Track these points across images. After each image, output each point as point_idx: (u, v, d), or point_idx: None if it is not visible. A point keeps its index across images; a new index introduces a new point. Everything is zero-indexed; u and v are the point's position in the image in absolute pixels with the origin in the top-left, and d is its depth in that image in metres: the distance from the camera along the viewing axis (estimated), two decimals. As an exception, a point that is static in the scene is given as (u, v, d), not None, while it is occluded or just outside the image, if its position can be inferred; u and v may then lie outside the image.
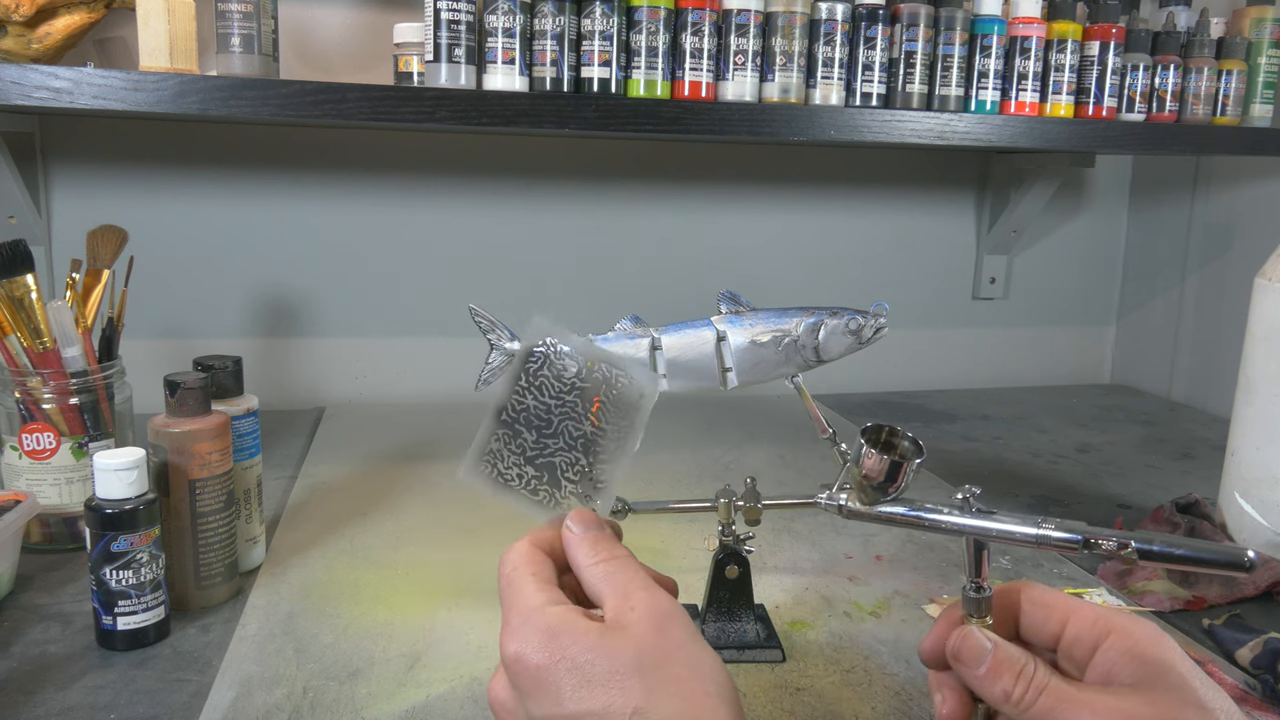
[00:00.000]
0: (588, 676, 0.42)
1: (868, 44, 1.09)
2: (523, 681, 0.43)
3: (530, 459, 0.54)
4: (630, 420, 0.54)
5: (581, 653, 0.42)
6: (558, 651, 0.43)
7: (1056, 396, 1.53)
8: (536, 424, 0.54)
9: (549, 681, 0.42)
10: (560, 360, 0.54)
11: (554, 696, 0.42)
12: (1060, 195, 1.56)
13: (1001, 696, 0.45)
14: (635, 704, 0.41)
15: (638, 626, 0.44)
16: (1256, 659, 0.68)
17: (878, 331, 0.74)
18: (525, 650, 0.43)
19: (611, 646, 0.43)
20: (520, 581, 0.47)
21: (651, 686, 0.42)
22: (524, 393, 0.54)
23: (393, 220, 1.34)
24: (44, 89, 0.88)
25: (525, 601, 0.45)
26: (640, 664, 0.42)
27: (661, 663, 0.42)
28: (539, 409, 0.54)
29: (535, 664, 0.43)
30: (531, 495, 0.54)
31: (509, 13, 0.97)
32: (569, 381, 0.54)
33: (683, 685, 0.42)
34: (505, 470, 0.55)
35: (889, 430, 0.55)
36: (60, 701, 0.61)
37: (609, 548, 0.49)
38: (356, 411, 1.30)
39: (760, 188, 1.46)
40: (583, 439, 0.54)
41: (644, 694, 0.41)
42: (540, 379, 0.54)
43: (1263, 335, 0.88)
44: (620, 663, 0.42)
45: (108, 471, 0.66)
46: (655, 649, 0.43)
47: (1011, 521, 0.50)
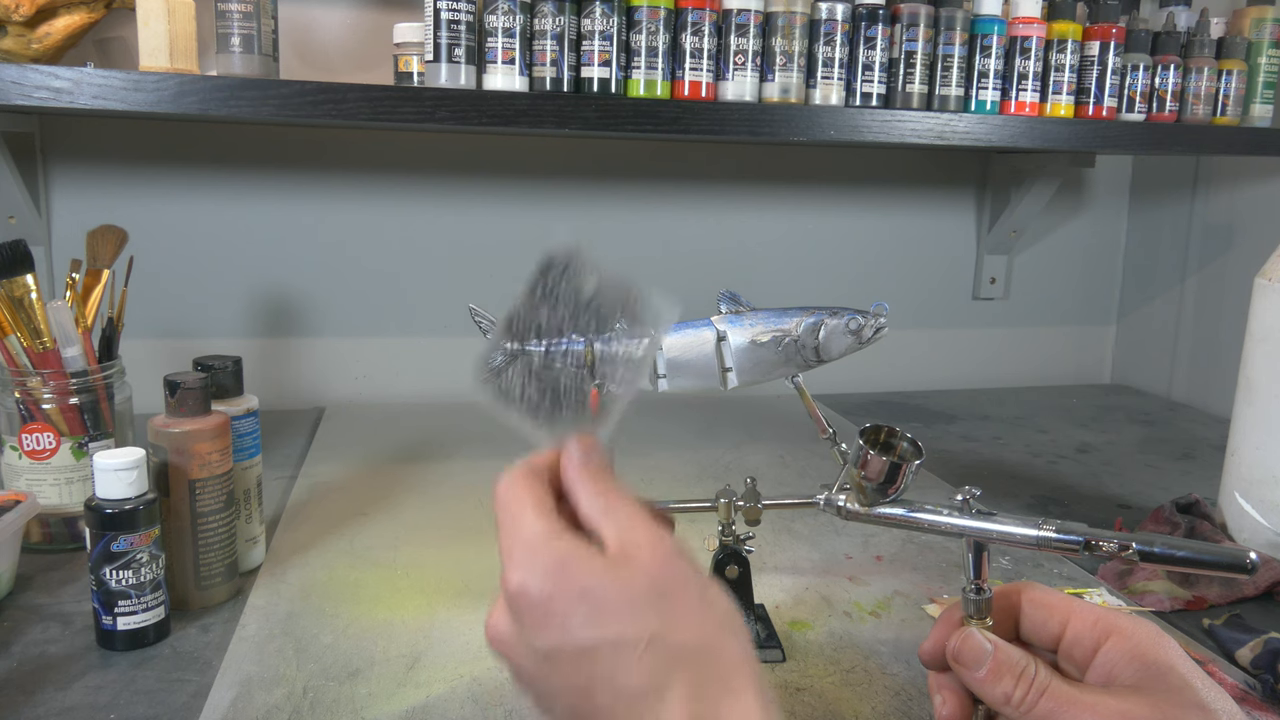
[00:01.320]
0: (598, 606, 0.40)
1: (868, 44, 1.09)
2: (527, 614, 0.42)
3: (535, 376, 0.51)
4: (642, 349, 0.51)
5: (592, 582, 0.41)
6: (565, 581, 0.41)
7: (1056, 396, 1.53)
8: (545, 340, 0.51)
9: (556, 612, 0.41)
10: (579, 275, 0.51)
11: (561, 628, 0.41)
12: (1060, 195, 1.56)
13: (1002, 698, 0.45)
14: (651, 632, 0.40)
15: (645, 557, 0.42)
16: (1256, 659, 0.68)
17: (878, 331, 0.75)
18: (530, 580, 0.41)
19: (622, 576, 0.41)
20: (520, 510, 0.44)
21: (664, 615, 0.41)
22: (538, 305, 0.51)
23: (393, 220, 1.34)
24: (44, 89, 0.88)
25: (528, 531, 0.43)
26: (652, 593, 0.41)
27: (672, 593, 0.41)
28: (552, 323, 0.51)
29: (542, 595, 0.41)
30: (532, 414, 0.51)
31: (509, 13, 0.97)
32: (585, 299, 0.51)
33: (694, 615, 0.41)
34: (508, 386, 0.51)
35: (888, 431, 0.55)
36: (60, 701, 0.61)
37: (609, 480, 0.46)
38: (356, 411, 1.30)
39: (760, 188, 1.46)
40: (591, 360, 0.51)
41: (658, 621, 0.40)
42: (556, 292, 0.51)
43: (1263, 335, 0.88)
44: (632, 592, 0.41)
45: (108, 471, 0.66)
46: (665, 579, 0.42)
47: (1012, 523, 0.50)
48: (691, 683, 0.40)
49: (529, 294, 0.51)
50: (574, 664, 0.41)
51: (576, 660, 0.41)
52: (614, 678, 0.40)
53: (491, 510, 0.46)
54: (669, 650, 0.40)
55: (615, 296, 0.51)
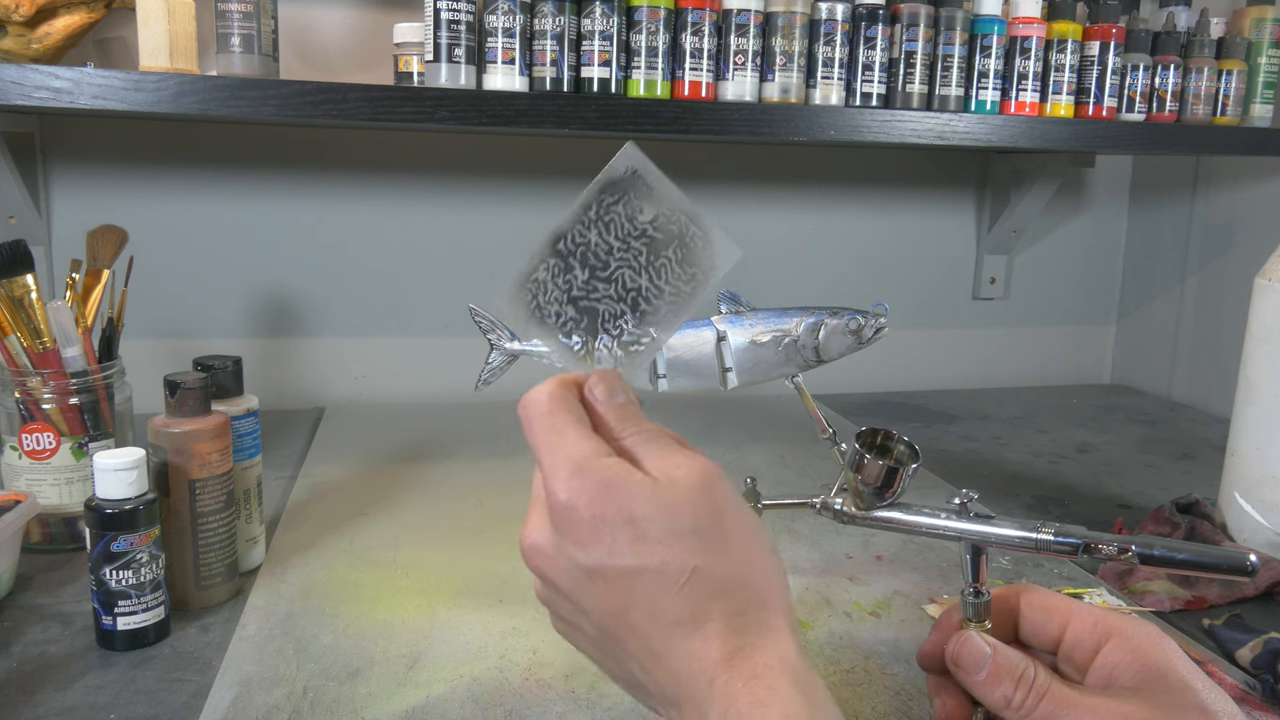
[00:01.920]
0: (644, 532, 0.41)
1: (868, 44, 1.09)
2: (574, 531, 0.42)
3: (574, 299, 0.50)
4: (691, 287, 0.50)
5: (639, 507, 0.41)
6: (613, 504, 0.41)
7: (1056, 396, 1.53)
8: (592, 263, 0.49)
9: (604, 533, 0.41)
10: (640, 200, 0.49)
11: (608, 547, 0.41)
12: (1060, 195, 1.56)
13: (1002, 702, 0.45)
14: (695, 563, 0.41)
15: (687, 485, 0.42)
16: (1256, 659, 0.68)
17: (878, 331, 0.75)
18: (580, 500, 0.41)
19: (667, 503, 0.41)
20: (563, 427, 0.44)
21: (708, 545, 0.41)
22: (590, 225, 0.49)
23: (393, 220, 1.34)
24: (44, 89, 0.87)
25: (573, 448, 0.43)
26: (696, 524, 0.41)
27: (715, 522, 0.42)
28: (600, 247, 0.49)
29: (590, 515, 0.41)
30: (565, 338, 0.50)
31: (509, 13, 0.97)
32: (641, 225, 0.49)
33: (735, 545, 0.42)
34: (545, 304, 0.50)
35: (884, 434, 0.55)
36: (60, 701, 0.61)
37: (634, 420, 0.46)
38: (356, 411, 1.30)
39: (760, 188, 1.46)
40: (635, 293, 0.49)
41: (702, 553, 0.41)
42: (612, 214, 0.49)
43: (1263, 335, 0.88)
44: (676, 520, 0.41)
45: (108, 471, 0.66)
46: (708, 508, 0.42)
47: (1010, 526, 0.50)
48: (729, 616, 0.40)
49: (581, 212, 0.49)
50: (614, 585, 0.41)
51: (617, 581, 0.41)
52: (653, 604, 0.41)
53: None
54: (710, 582, 0.40)
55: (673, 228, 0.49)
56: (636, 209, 0.49)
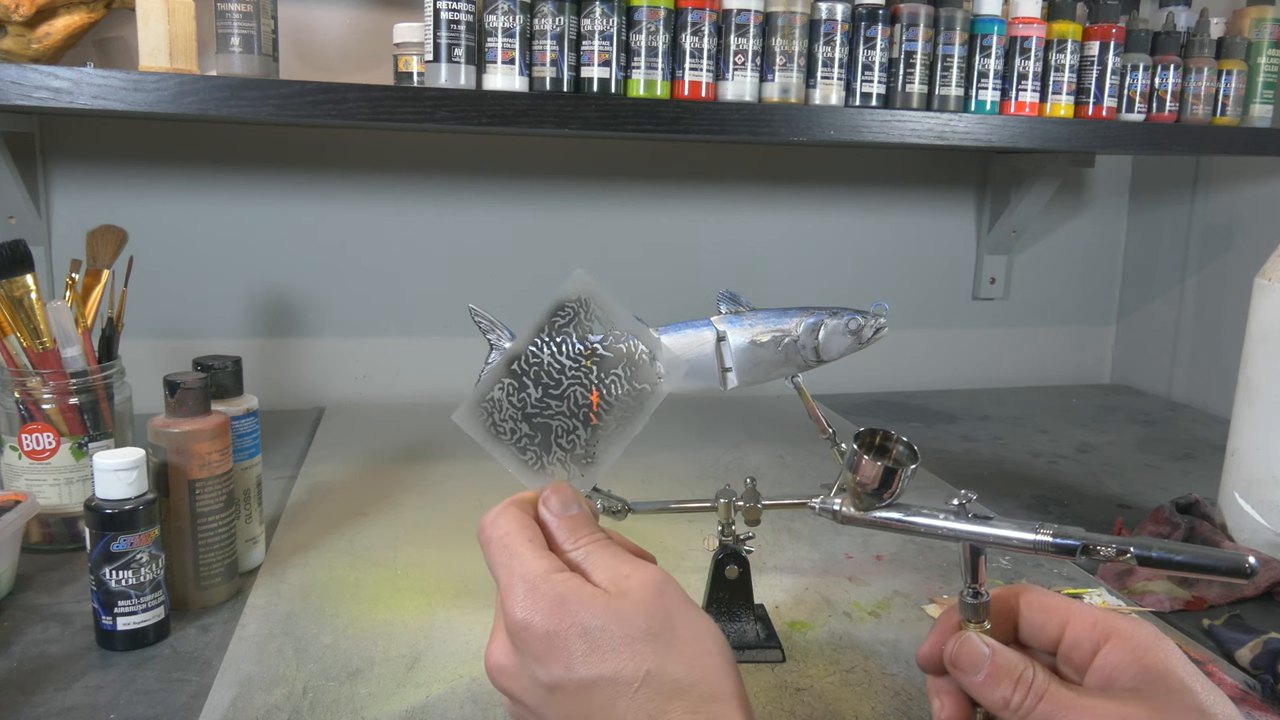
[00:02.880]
0: (598, 642, 0.43)
1: (868, 44, 1.09)
2: (531, 648, 0.44)
3: (528, 416, 0.52)
4: (640, 403, 0.52)
5: (591, 619, 0.43)
6: (568, 618, 0.43)
7: (1056, 396, 1.53)
8: (545, 381, 0.52)
9: (559, 648, 0.43)
10: (589, 321, 0.52)
11: (564, 662, 0.43)
12: (1060, 195, 1.56)
13: (1000, 703, 0.45)
14: (647, 668, 0.42)
15: (638, 593, 0.44)
16: (1256, 659, 0.68)
17: (878, 331, 0.74)
18: (534, 618, 0.44)
19: (619, 612, 0.43)
20: (517, 547, 0.46)
21: (660, 650, 0.43)
22: (541, 346, 0.52)
23: (393, 220, 1.34)
24: (44, 89, 0.87)
25: (527, 568, 0.45)
26: (648, 629, 0.43)
27: (666, 627, 0.43)
28: (552, 366, 0.52)
29: (545, 631, 0.43)
30: (520, 453, 0.53)
31: (509, 13, 0.97)
32: (591, 346, 0.52)
33: (688, 647, 0.43)
34: (500, 421, 0.52)
35: (883, 434, 0.55)
36: (60, 701, 0.61)
37: (586, 533, 0.49)
38: (356, 411, 1.30)
39: (760, 188, 1.46)
40: (586, 409, 0.52)
41: (654, 657, 0.42)
42: (562, 335, 0.52)
43: (1263, 335, 0.88)
44: (629, 629, 0.43)
45: (107, 471, 0.66)
46: (658, 614, 0.44)
47: (1009, 527, 0.50)
48: (685, 715, 0.42)
49: (535, 333, 0.52)
50: (573, 697, 0.43)
51: (576, 693, 0.43)
52: (610, 711, 0.42)
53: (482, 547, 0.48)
54: (663, 685, 0.42)
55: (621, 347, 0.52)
56: (586, 329, 0.52)
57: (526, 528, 0.48)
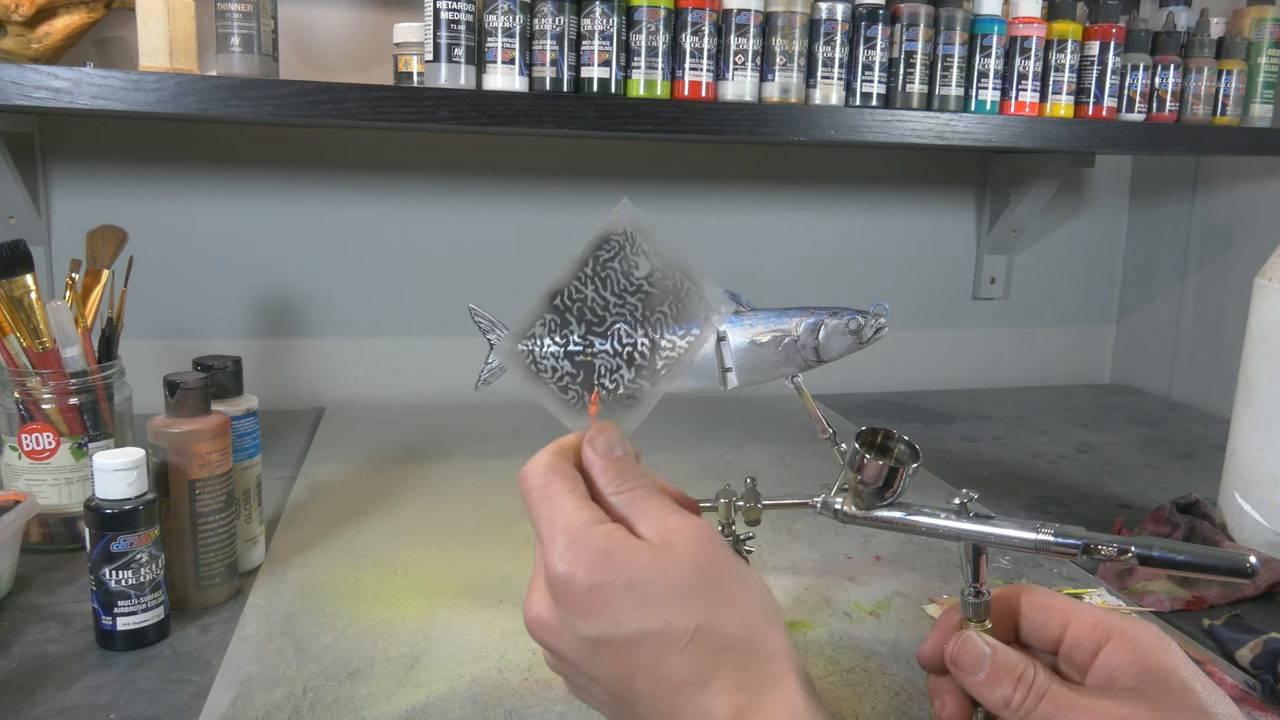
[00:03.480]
0: (645, 596, 0.41)
1: (868, 44, 1.09)
2: (573, 602, 0.42)
3: (571, 354, 0.50)
4: (686, 343, 0.50)
5: (637, 572, 0.41)
6: (612, 571, 0.42)
7: (1056, 396, 1.53)
8: (589, 318, 0.50)
9: (604, 602, 0.41)
10: (636, 255, 0.50)
11: (611, 617, 0.41)
12: (1060, 195, 1.56)
13: (1001, 702, 0.45)
14: (697, 621, 0.41)
15: (684, 546, 0.43)
16: (1256, 659, 0.68)
17: (878, 331, 0.74)
18: (577, 571, 0.42)
19: (666, 565, 0.42)
20: (558, 497, 0.45)
21: (710, 604, 0.41)
22: (586, 280, 0.50)
23: (393, 220, 1.33)
24: (44, 89, 0.87)
25: (569, 519, 0.44)
26: (696, 582, 0.42)
27: (715, 580, 0.42)
28: (596, 303, 0.50)
29: (588, 584, 0.42)
30: (561, 393, 0.50)
31: (509, 12, 0.97)
32: (637, 281, 0.50)
33: (738, 601, 0.42)
34: (541, 359, 0.50)
35: (884, 433, 0.55)
36: (60, 701, 0.61)
37: (633, 475, 0.46)
38: (356, 411, 1.30)
39: (760, 188, 1.46)
40: (630, 347, 0.50)
41: (705, 611, 0.41)
42: (608, 270, 0.50)
43: (1263, 335, 0.88)
44: (677, 582, 0.42)
45: (107, 471, 0.66)
46: (706, 567, 0.42)
47: (1010, 526, 0.50)
48: (736, 672, 0.40)
49: (578, 268, 0.50)
50: (620, 652, 0.42)
51: (622, 648, 0.41)
52: (659, 667, 0.41)
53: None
54: (714, 641, 0.41)
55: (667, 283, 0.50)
56: (632, 265, 0.50)
57: (568, 476, 0.46)
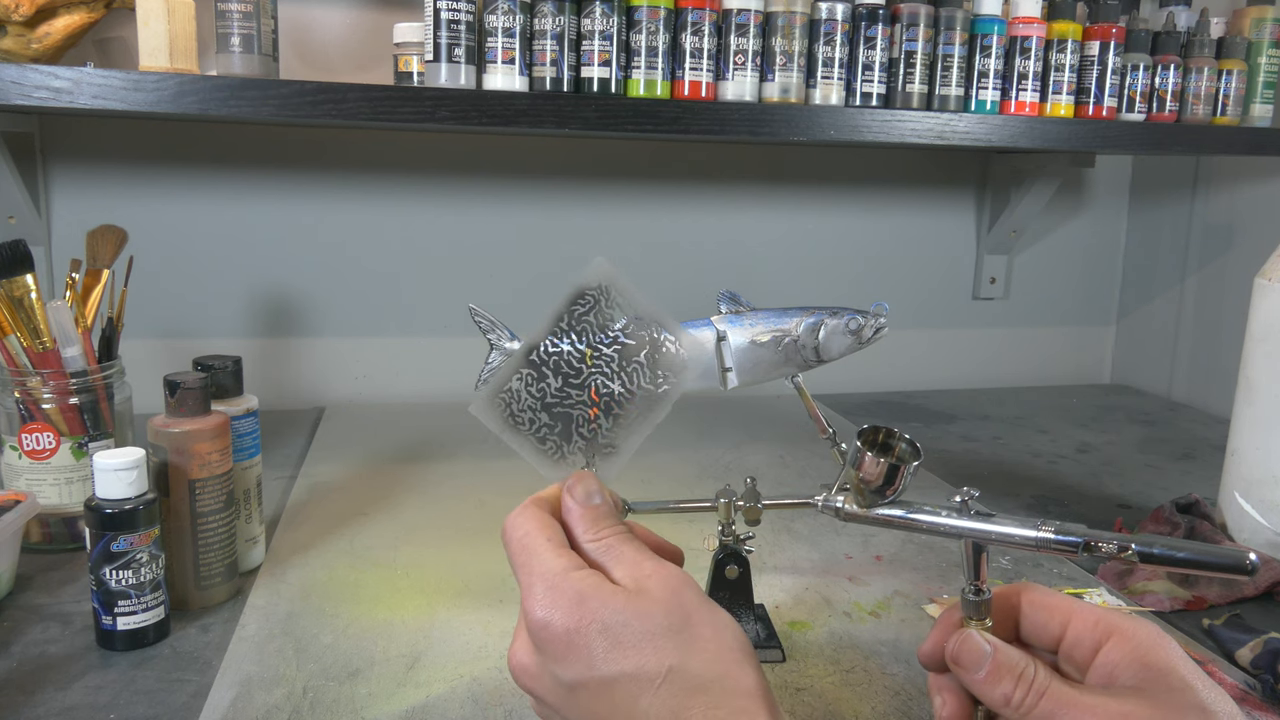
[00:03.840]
0: (619, 639, 0.42)
1: (868, 44, 1.09)
2: (551, 647, 0.44)
3: (548, 406, 0.52)
4: (662, 390, 0.52)
5: (611, 616, 0.43)
6: (587, 616, 0.43)
7: (1056, 396, 1.53)
8: (565, 371, 0.51)
9: (579, 646, 0.43)
10: (610, 309, 0.51)
11: (586, 660, 0.43)
12: (1060, 195, 1.56)
13: (1002, 700, 0.45)
14: (669, 663, 0.42)
15: (658, 590, 0.44)
16: (1256, 659, 0.68)
17: (878, 331, 0.74)
18: (553, 616, 0.43)
19: (640, 609, 0.43)
20: (536, 547, 0.46)
21: (681, 645, 0.43)
22: (562, 335, 0.51)
23: (393, 220, 1.34)
24: (44, 89, 0.87)
25: (546, 567, 0.45)
26: (668, 625, 0.43)
27: (686, 623, 0.43)
28: (573, 355, 0.51)
29: (564, 629, 0.43)
30: (539, 444, 0.52)
31: (509, 12, 0.97)
32: (612, 334, 0.51)
33: (709, 643, 0.43)
34: (519, 412, 0.52)
35: (885, 432, 0.55)
36: (60, 701, 0.61)
37: (609, 524, 0.48)
38: (356, 411, 1.30)
39: (760, 188, 1.46)
40: (608, 397, 0.51)
41: (675, 653, 0.42)
42: (583, 324, 0.51)
43: (1263, 335, 0.88)
44: (650, 625, 0.43)
45: (108, 471, 0.66)
46: (678, 611, 0.44)
47: (1011, 524, 0.50)
48: (709, 711, 0.41)
49: (554, 323, 0.51)
50: (595, 694, 0.43)
51: (598, 690, 0.43)
52: (633, 707, 0.42)
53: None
54: (686, 680, 0.42)
55: (642, 336, 0.51)
56: (607, 318, 0.51)
57: (546, 526, 0.48)
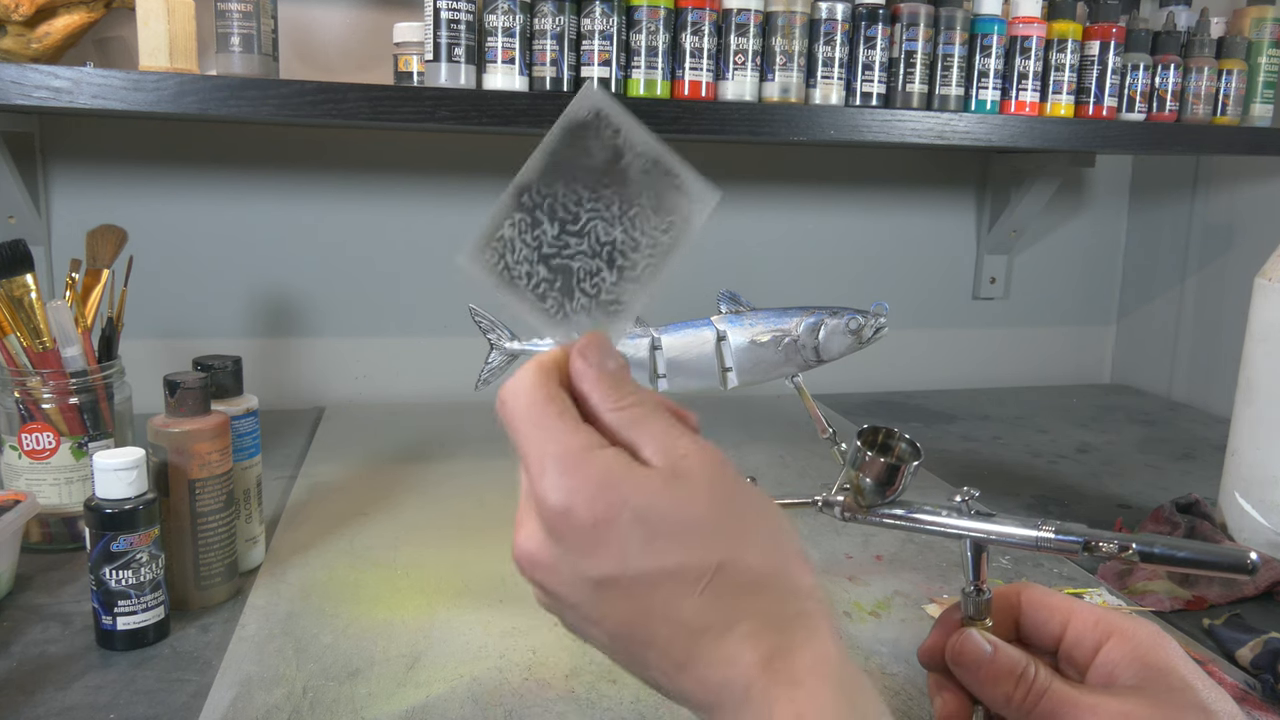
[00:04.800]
0: (657, 530, 0.36)
1: (868, 44, 1.09)
2: (573, 538, 0.37)
3: (545, 257, 0.45)
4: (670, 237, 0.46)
5: (646, 502, 0.36)
6: (617, 503, 0.36)
7: (1056, 396, 1.53)
8: (561, 216, 0.45)
9: (610, 538, 0.36)
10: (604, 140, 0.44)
11: (618, 555, 0.36)
12: (1060, 195, 1.56)
13: (1002, 700, 0.45)
14: (718, 558, 0.36)
15: (698, 473, 0.38)
16: (1257, 659, 0.68)
17: (878, 331, 0.75)
18: (576, 502, 0.36)
19: (679, 495, 0.37)
20: (547, 419, 0.39)
21: (731, 537, 0.37)
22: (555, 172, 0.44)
23: (393, 220, 1.33)
24: (44, 89, 0.87)
25: (562, 444, 0.38)
26: (715, 514, 0.37)
27: (734, 512, 0.38)
28: (568, 197, 0.45)
29: (591, 518, 0.36)
30: (538, 300, 0.45)
31: (509, 12, 0.97)
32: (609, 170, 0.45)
33: (760, 535, 0.38)
34: (514, 264, 0.45)
35: (885, 432, 0.55)
36: (60, 701, 0.61)
37: (633, 390, 0.41)
38: (356, 411, 1.30)
39: (760, 188, 1.46)
40: (610, 247, 0.45)
41: (724, 546, 0.37)
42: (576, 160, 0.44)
43: (1263, 335, 0.88)
44: (692, 514, 0.37)
45: (107, 471, 0.66)
46: (726, 498, 0.38)
47: (1011, 524, 0.50)
48: (762, 614, 0.36)
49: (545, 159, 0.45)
50: (628, 594, 0.37)
51: (631, 590, 0.37)
52: (674, 610, 0.36)
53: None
54: (737, 580, 0.36)
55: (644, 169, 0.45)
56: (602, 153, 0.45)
57: (556, 395, 0.40)
